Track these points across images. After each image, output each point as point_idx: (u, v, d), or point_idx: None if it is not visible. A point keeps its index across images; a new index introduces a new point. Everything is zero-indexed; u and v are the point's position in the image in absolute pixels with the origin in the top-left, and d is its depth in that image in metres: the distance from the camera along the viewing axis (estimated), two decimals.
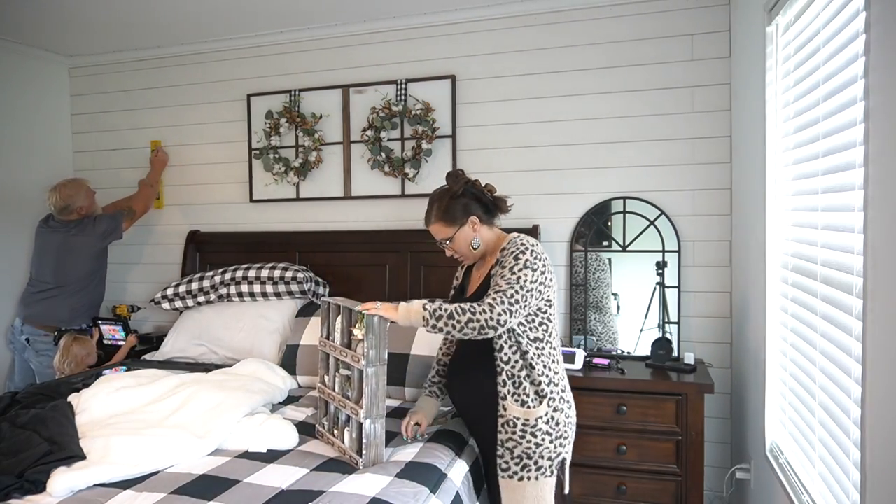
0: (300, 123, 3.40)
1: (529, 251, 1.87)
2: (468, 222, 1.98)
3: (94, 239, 3.28)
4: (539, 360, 1.89)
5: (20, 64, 3.66)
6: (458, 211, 1.98)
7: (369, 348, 1.87)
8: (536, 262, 1.86)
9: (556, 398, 1.90)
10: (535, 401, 1.88)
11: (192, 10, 3.11)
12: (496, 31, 3.13)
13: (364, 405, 1.88)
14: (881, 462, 1.18)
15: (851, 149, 1.37)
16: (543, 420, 1.88)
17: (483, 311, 1.79)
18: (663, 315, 2.87)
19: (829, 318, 1.52)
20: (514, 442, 1.88)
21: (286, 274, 3.12)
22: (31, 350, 3.25)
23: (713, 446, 2.84)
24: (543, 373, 1.89)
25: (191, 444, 1.96)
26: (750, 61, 2.40)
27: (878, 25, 1.20)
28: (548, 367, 1.91)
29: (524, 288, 1.82)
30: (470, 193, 2.01)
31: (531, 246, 1.89)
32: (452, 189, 1.99)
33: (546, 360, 1.91)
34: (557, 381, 1.92)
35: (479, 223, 1.99)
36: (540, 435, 1.87)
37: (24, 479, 1.74)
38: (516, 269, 1.84)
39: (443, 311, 1.82)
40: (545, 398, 1.88)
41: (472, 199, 2.00)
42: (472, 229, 1.99)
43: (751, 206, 2.42)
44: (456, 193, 1.99)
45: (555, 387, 1.91)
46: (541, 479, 1.88)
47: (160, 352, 3.21)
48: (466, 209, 1.98)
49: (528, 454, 1.88)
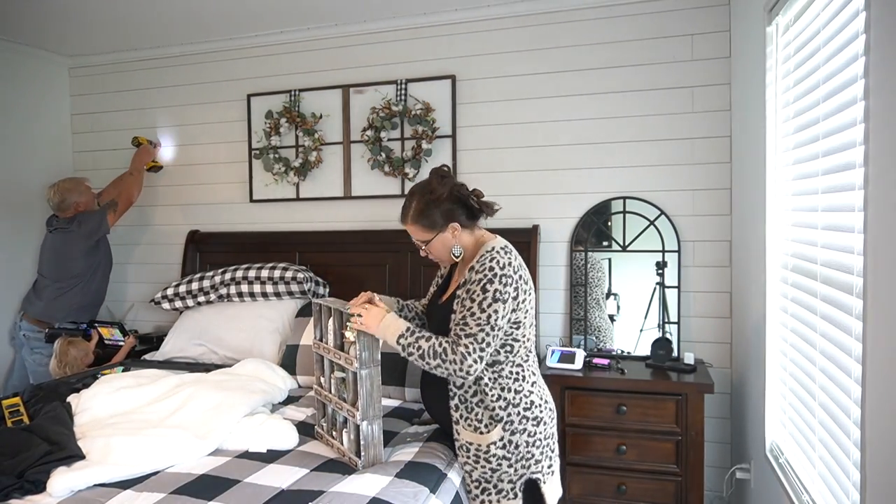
0: (300, 123, 3.40)
1: (498, 278, 1.73)
2: (448, 229, 1.86)
3: (81, 237, 3.27)
4: (495, 383, 1.80)
5: (20, 64, 3.66)
6: (438, 216, 1.85)
7: (362, 350, 1.87)
8: (506, 289, 1.73)
9: (514, 420, 1.79)
10: (489, 426, 1.80)
11: (192, 9, 3.11)
12: (496, 31, 3.13)
13: (360, 407, 1.88)
14: (881, 462, 1.18)
15: (851, 149, 1.37)
16: (497, 446, 1.80)
17: (453, 361, 1.73)
18: (663, 315, 2.87)
19: (829, 318, 1.52)
20: (471, 466, 1.85)
21: (286, 274, 3.12)
22: (27, 347, 3.27)
23: (713, 446, 2.85)
24: (501, 396, 1.79)
25: (191, 444, 1.96)
26: (750, 61, 2.40)
27: (878, 25, 1.20)
28: (506, 389, 1.80)
29: (494, 328, 1.73)
30: (454, 198, 1.86)
31: (500, 269, 1.74)
32: (437, 192, 1.84)
33: (504, 382, 1.80)
34: (518, 400, 1.80)
35: (459, 229, 1.86)
36: (495, 461, 1.81)
37: (24, 479, 1.74)
38: (485, 304, 1.72)
39: (415, 349, 1.78)
40: (499, 422, 1.79)
41: (457, 203, 1.86)
42: (452, 235, 1.87)
43: (751, 206, 2.42)
44: (440, 197, 1.84)
45: (513, 408, 1.80)
46: (503, 502, 1.83)
47: (160, 352, 3.21)
48: (448, 215, 1.85)
49: (485, 478, 1.83)
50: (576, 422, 2.60)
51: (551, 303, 3.06)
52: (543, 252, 3.07)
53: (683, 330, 2.88)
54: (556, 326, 3.07)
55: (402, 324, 1.83)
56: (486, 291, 1.73)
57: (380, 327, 1.83)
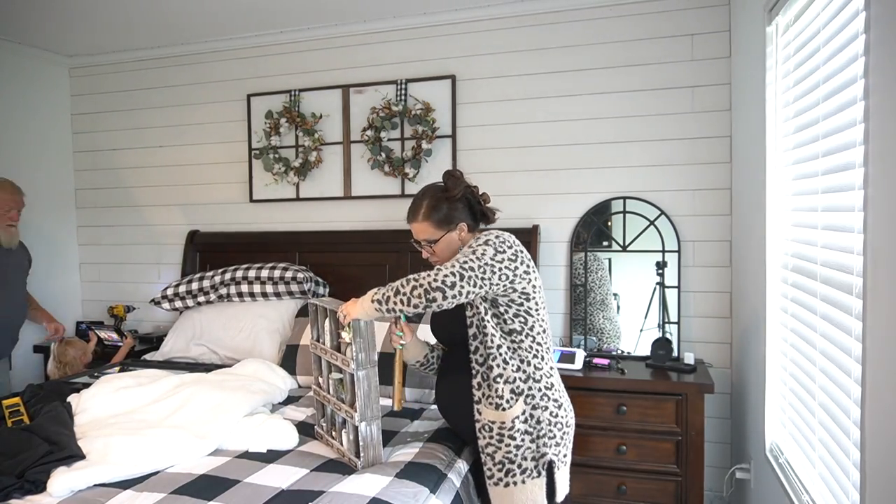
0: (300, 123, 3.40)
1: (495, 234, 1.78)
2: (457, 228, 1.90)
3: None
4: (515, 354, 1.79)
5: (20, 64, 3.66)
6: (449, 215, 1.90)
7: (358, 351, 1.87)
8: (502, 244, 1.75)
9: (535, 395, 1.79)
10: (511, 400, 1.77)
11: (193, 10, 3.11)
12: (496, 31, 3.13)
13: (358, 408, 1.88)
14: (881, 462, 1.18)
15: (851, 149, 1.37)
16: (521, 420, 1.78)
17: (428, 275, 1.69)
18: (663, 315, 2.87)
19: (829, 319, 1.52)
20: (494, 447, 1.80)
21: (286, 274, 3.12)
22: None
23: (713, 446, 2.85)
24: (520, 368, 1.79)
25: (191, 444, 1.96)
26: (750, 61, 2.40)
27: (878, 25, 1.20)
28: (525, 362, 1.79)
29: (481, 259, 1.70)
30: (466, 199, 1.93)
31: (500, 233, 1.79)
32: (451, 192, 1.91)
33: (524, 355, 1.79)
34: (539, 377, 1.80)
35: (465, 231, 1.92)
36: (519, 436, 1.77)
37: (24, 479, 1.74)
38: (475, 244, 1.75)
39: (389, 290, 1.75)
40: (521, 395, 1.78)
41: (467, 205, 1.93)
42: (459, 237, 1.91)
43: (751, 206, 2.42)
44: (454, 197, 1.91)
45: (535, 383, 1.79)
46: (528, 482, 1.78)
47: (160, 352, 3.21)
48: (458, 215, 1.91)
49: (509, 458, 1.78)
50: (576, 422, 2.59)
51: (551, 303, 3.06)
52: (543, 252, 3.07)
53: (683, 330, 2.88)
54: (556, 326, 3.07)
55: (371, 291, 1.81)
56: (477, 240, 1.77)
57: (357, 305, 1.82)
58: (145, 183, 3.83)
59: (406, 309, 1.72)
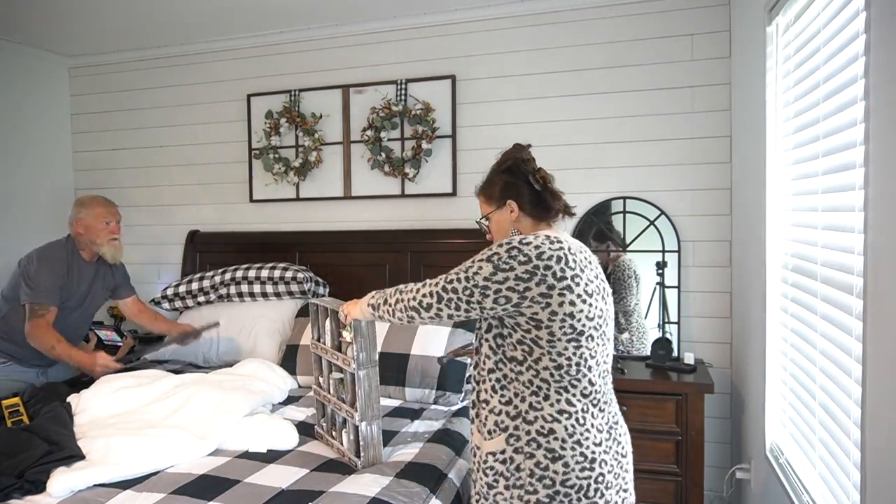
0: (300, 123, 3.40)
1: (514, 243, 1.46)
2: (506, 206, 1.61)
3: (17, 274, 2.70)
4: (510, 384, 1.50)
5: (20, 64, 3.66)
6: (498, 188, 1.64)
7: (359, 351, 1.87)
8: (510, 260, 1.43)
9: (520, 437, 1.47)
10: (494, 433, 1.52)
11: (193, 9, 3.11)
12: (496, 31, 3.13)
13: (358, 408, 1.88)
14: (881, 462, 1.18)
15: (851, 149, 1.37)
16: (497, 459, 1.50)
17: (410, 290, 1.57)
18: (663, 315, 2.87)
19: (829, 318, 1.52)
20: (475, 473, 1.58)
21: (286, 274, 3.12)
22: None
23: (713, 446, 2.85)
24: (511, 401, 1.49)
25: (191, 444, 1.96)
26: (750, 61, 2.40)
27: (878, 25, 1.20)
28: (519, 398, 1.48)
29: (470, 279, 1.45)
30: (517, 172, 1.64)
31: (522, 245, 1.45)
32: (501, 162, 1.67)
33: (520, 389, 1.48)
34: (533, 418, 1.46)
35: (517, 211, 1.60)
36: (492, 475, 1.51)
37: (24, 479, 1.74)
38: (477, 258, 1.49)
39: (382, 297, 1.65)
40: (504, 432, 1.49)
41: (521, 180, 1.62)
42: (510, 216, 1.61)
43: (751, 206, 2.42)
44: (501, 167, 1.66)
45: (525, 424, 1.47)
46: None
47: (160, 352, 3.20)
48: (507, 190, 1.62)
49: (482, 494, 1.54)
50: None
51: None
52: None
53: (683, 330, 2.88)
54: None
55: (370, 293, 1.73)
56: (486, 252, 1.49)
57: (357, 306, 1.79)
58: (145, 183, 3.83)
59: (392, 320, 1.63)
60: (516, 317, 1.46)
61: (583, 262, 1.51)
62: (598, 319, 1.50)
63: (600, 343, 1.52)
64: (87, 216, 2.73)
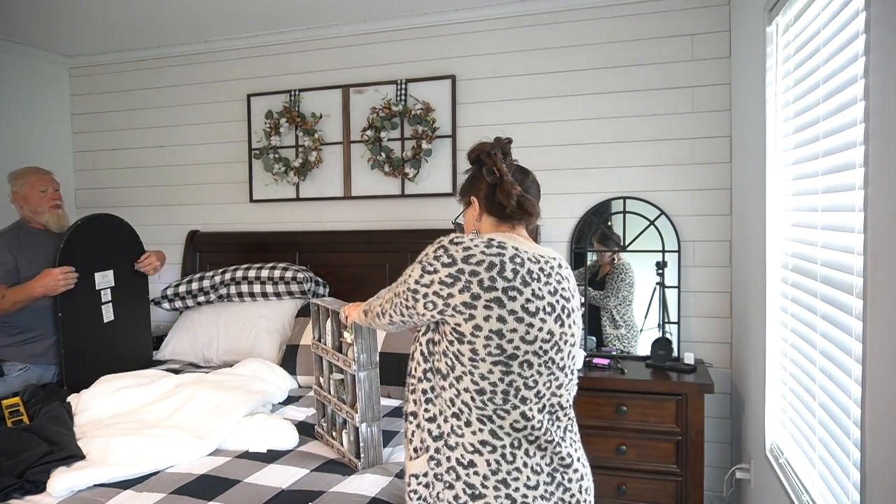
0: (300, 123, 3.40)
1: (436, 245, 1.34)
2: (472, 203, 1.48)
3: None
4: (437, 399, 1.35)
5: (20, 64, 3.66)
6: (465, 184, 1.51)
7: (360, 352, 1.87)
8: (434, 261, 1.31)
9: (441, 462, 1.32)
10: (419, 450, 1.38)
11: (192, 10, 3.11)
12: (496, 31, 3.13)
13: (359, 409, 1.88)
14: (881, 462, 1.18)
15: (851, 149, 1.37)
16: (421, 482, 1.37)
17: (379, 297, 1.52)
18: (663, 315, 2.87)
19: (829, 318, 1.52)
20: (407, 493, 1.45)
21: (286, 274, 3.12)
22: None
23: (713, 446, 2.85)
24: (435, 419, 1.35)
25: (191, 444, 1.96)
26: (750, 61, 2.40)
27: (878, 25, 1.20)
28: (443, 417, 1.33)
29: (406, 282, 1.35)
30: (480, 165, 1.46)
31: (450, 244, 1.32)
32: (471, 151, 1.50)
33: (444, 407, 1.33)
34: (454, 444, 1.30)
35: (478, 209, 1.46)
36: (415, 499, 1.39)
37: (24, 479, 1.74)
38: (410, 266, 1.39)
39: (369, 303, 1.58)
40: (426, 452, 1.36)
41: (482, 174, 1.45)
42: (474, 215, 1.47)
43: (751, 206, 2.42)
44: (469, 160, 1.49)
45: (447, 449, 1.31)
46: None
47: (160, 352, 3.21)
48: (471, 185, 1.49)
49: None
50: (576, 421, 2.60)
51: None
52: None
53: (683, 330, 2.88)
54: None
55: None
56: (419, 256, 1.37)
57: (355, 309, 1.78)
58: (145, 183, 3.83)
59: (373, 325, 1.57)
60: (443, 325, 1.33)
61: (532, 274, 1.30)
62: (541, 343, 1.29)
63: (544, 372, 1.31)
64: (23, 187, 2.67)
